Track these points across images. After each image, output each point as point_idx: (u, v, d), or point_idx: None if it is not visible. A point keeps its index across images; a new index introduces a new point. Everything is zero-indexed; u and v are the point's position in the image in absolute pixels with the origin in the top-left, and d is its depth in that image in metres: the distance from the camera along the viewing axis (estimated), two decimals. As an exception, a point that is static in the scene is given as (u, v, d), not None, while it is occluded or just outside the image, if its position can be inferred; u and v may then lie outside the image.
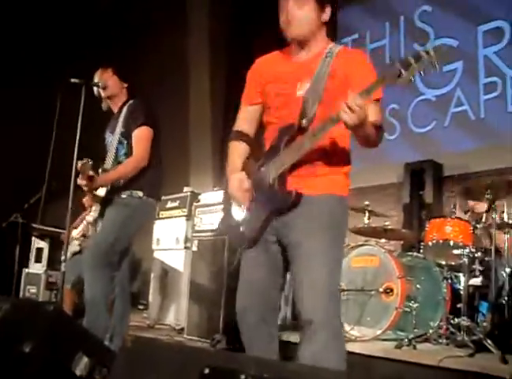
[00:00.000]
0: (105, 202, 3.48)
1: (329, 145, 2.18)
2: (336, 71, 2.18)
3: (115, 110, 3.67)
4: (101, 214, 3.50)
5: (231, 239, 2.31)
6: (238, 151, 2.40)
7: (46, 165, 3.76)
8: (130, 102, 3.59)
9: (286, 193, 2.13)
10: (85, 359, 1.99)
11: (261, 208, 2.20)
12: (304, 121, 2.14)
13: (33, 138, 8.48)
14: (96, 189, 3.45)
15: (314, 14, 2.21)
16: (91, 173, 3.27)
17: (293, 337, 3.69)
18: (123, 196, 3.43)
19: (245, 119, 2.45)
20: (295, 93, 2.22)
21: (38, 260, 6.64)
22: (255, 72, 2.42)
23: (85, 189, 3.34)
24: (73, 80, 3.45)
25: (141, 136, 3.43)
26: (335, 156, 2.20)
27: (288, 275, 2.38)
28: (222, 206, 4.85)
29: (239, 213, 2.29)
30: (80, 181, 3.29)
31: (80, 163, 3.25)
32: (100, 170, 3.48)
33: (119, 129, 3.51)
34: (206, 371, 1.46)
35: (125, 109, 3.56)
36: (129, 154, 3.47)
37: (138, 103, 3.57)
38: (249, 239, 2.23)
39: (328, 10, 2.25)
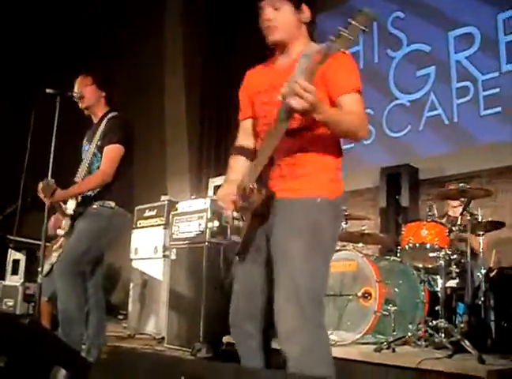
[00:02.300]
0: (76, 214, 3.47)
1: (308, 141, 2.13)
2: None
3: (95, 119, 3.64)
4: (72, 227, 3.47)
5: (226, 249, 2.32)
6: (235, 164, 2.38)
7: (21, 176, 3.72)
8: (111, 115, 3.55)
9: (260, 194, 2.09)
10: (63, 372, 1.98)
11: (246, 216, 2.19)
12: (287, 100, 1.99)
13: (8, 148, 8.37)
14: (58, 203, 3.44)
15: (292, 16, 2.20)
16: (54, 187, 3.25)
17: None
18: (95, 206, 3.42)
19: (243, 133, 2.45)
20: (277, 98, 2.15)
21: (15, 272, 6.55)
22: (244, 86, 2.44)
23: (47, 203, 3.31)
24: (48, 90, 3.41)
25: (112, 153, 3.41)
26: (316, 153, 2.15)
27: None
28: (202, 214, 4.88)
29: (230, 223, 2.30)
30: (45, 201, 3.28)
31: (40, 185, 3.24)
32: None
33: (96, 141, 3.49)
34: (183, 380, 1.46)
35: (104, 121, 3.52)
36: None
37: (117, 119, 3.53)
38: (238, 248, 2.22)
39: (306, 10, 2.24)
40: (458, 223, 4.25)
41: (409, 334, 4.01)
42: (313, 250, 2.07)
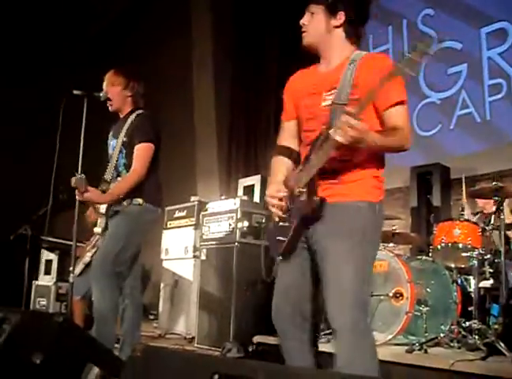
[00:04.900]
0: (109, 212, 3.50)
1: (355, 151, 2.18)
2: (358, 80, 2.20)
3: (122, 114, 3.66)
4: (106, 226, 3.51)
5: (270, 249, 2.39)
6: (278, 165, 2.46)
7: (51, 176, 3.78)
8: (138, 112, 3.57)
9: (311, 200, 2.17)
10: (95, 369, 2.00)
11: (294, 217, 2.25)
12: (331, 131, 2.12)
13: (40, 148, 8.49)
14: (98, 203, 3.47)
15: (323, 22, 2.29)
16: (86, 184, 3.26)
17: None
18: (124, 204, 3.45)
19: (285, 135, 2.52)
20: (321, 104, 2.28)
21: (47, 272, 6.65)
22: (288, 89, 2.52)
23: (80, 198, 3.32)
24: (75, 91, 3.46)
25: (144, 151, 3.44)
26: (363, 162, 2.25)
27: None
28: (232, 215, 4.89)
29: (276, 222, 2.34)
30: (78, 197, 3.30)
31: (73, 180, 3.25)
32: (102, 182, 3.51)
33: (122, 137, 3.51)
34: (215, 378, 1.46)
35: (131, 118, 3.54)
36: (128, 165, 3.49)
37: (146, 117, 3.55)
38: (283, 248, 2.29)
39: (340, 15, 2.28)
40: (492, 222, 4.18)
41: (442, 335, 3.96)
42: (361, 250, 2.16)
